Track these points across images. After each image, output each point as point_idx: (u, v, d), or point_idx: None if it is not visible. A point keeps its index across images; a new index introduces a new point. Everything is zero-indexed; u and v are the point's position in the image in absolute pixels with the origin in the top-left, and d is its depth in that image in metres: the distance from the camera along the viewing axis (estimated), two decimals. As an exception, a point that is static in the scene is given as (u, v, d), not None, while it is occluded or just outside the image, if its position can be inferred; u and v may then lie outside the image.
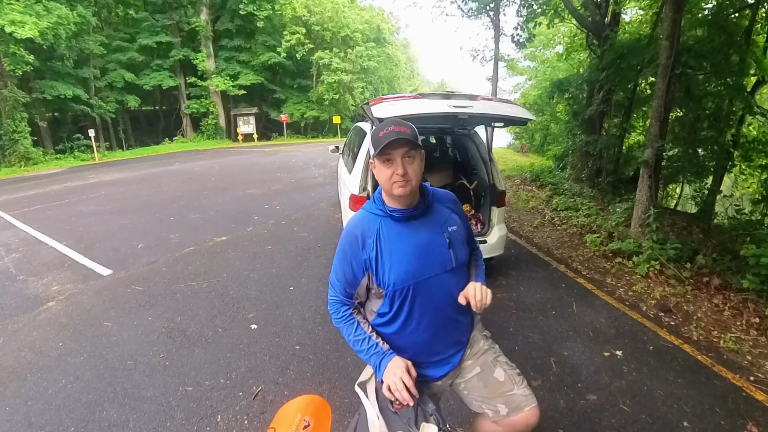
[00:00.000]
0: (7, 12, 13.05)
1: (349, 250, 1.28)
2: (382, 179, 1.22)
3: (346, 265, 1.28)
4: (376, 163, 1.21)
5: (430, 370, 1.37)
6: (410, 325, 1.30)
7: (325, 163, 11.96)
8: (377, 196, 1.31)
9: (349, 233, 1.29)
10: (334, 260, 1.33)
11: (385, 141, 1.15)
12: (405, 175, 1.17)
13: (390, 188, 1.20)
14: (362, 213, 1.32)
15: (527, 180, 9.71)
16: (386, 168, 1.19)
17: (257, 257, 4.63)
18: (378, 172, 1.22)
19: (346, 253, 1.28)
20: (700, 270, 4.15)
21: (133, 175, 11.28)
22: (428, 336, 1.32)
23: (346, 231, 1.31)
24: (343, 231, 1.33)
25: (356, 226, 1.29)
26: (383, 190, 1.26)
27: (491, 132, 3.91)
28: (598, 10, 7.94)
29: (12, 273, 4.40)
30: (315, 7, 23.65)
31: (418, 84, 46.19)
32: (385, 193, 1.27)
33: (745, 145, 6.64)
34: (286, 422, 1.38)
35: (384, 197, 1.29)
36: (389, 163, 1.18)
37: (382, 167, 1.20)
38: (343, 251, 1.30)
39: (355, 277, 1.28)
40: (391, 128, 1.17)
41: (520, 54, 19.07)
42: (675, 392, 2.47)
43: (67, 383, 2.53)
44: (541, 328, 3.20)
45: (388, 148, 1.16)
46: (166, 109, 25.40)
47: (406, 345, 1.32)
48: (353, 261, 1.27)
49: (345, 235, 1.30)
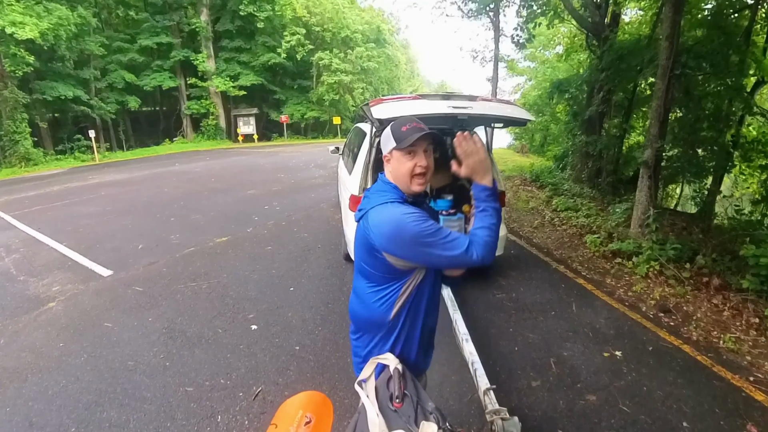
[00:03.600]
0: (7, 13, 13.05)
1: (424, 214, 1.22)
2: (401, 171, 1.24)
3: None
4: (396, 156, 1.24)
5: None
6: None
7: (325, 164, 11.96)
8: (392, 185, 1.27)
9: (412, 208, 1.22)
10: (435, 238, 1.14)
11: (414, 135, 1.19)
12: (427, 168, 1.24)
13: (409, 181, 1.24)
14: (387, 195, 1.26)
15: (527, 180, 9.71)
16: (407, 160, 1.22)
17: (257, 258, 4.63)
18: (398, 164, 1.24)
19: (422, 212, 1.22)
20: (699, 270, 4.15)
21: (134, 176, 11.28)
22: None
23: (410, 211, 1.19)
24: (408, 214, 1.17)
25: (402, 199, 1.26)
26: (400, 182, 1.26)
27: (491, 133, 3.92)
28: (598, 11, 7.95)
29: (12, 274, 4.40)
30: (315, 8, 23.66)
31: (418, 85, 46.17)
32: (400, 186, 1.26)
33: (744, 145, 6.64)
34: (287, 418, 1.38)
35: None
36: (411, 155, 1.22)
37: (402, 159, 1.23)
38: (425, 219, 1.18)
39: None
40: (414, 124, 1.22)
41: (520, 55, 19.07)
42: (674, 392, 2.47)
43: (67, 384, 2.54)
44: (540, 329, 3.20)
45: (417, 141, 1.20)
46: (167, 110, 25.39)
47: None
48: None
49: (412, 212, 1.18)
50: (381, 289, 1.28)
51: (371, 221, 1.22)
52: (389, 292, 1.27)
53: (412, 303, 1.29)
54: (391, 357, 1.32)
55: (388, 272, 1.25)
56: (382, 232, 1.18)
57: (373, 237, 1.21)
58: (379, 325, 1.31)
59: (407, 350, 1.35)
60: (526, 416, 2.25)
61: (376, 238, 1.20)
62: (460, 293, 3.53)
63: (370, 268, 1.28)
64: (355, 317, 1.40)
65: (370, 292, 1.31)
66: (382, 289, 1.28)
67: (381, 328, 1.32)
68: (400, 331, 1.31)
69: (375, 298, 1.29)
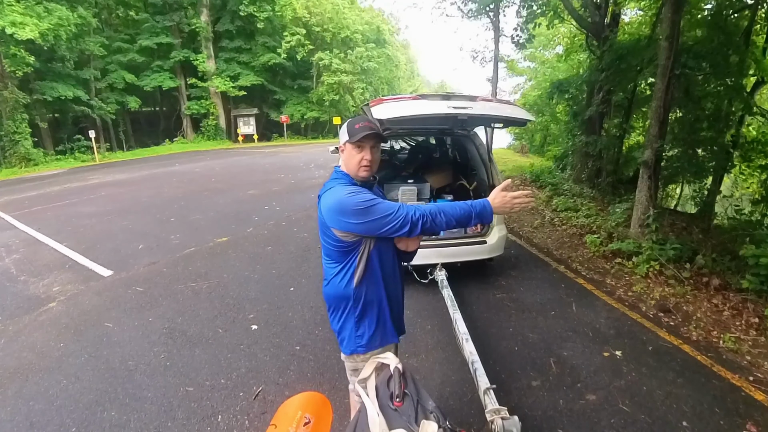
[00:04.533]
0: (7, 13, 13.07)
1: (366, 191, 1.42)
2: (352, 162, 1.45)
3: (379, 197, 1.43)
4: (348, 148, 1.44)
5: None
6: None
7: (326, 164, 11.97)
8: (343, 173, 1.49)
9: (356, 187, 1.43)
10: (368, 204, 1.33)
11: (362, 133, 1.39)
12: (372, 161, 1.44)
13: (357, 170, 1.45)
14: (339, 181, 1.47)
15: (527, 180, 9.71)
16: (357, 153, 1.43)
17: (257, 258, 4.63)
18: (348, 155, 1.45)
19: (369, 192, 1.41)
20: (699, 270, 4.15)
21: (134, 176, 11.29)
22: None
23: (352, 189, 1.39)
24: (348, 191, 1.37)
25: (352, 184, 1.46)
26: (350, 171, 1.47)
27: (491, 133, 3.92)
28: (598, 11, 7.96)
29: (13, 274, 4.41)
30: (315, 8, 23.66)
31: (418, 85, 46.19)
32: (349, 173, 1.48)
33: (744, 145, 6.63)
34: (287, 419, 1.39)
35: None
36: (360, 149, 1.42)
37: (353, 152, 1.44)
38: (364, 193, 1.37)
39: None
40: (366, 123, 1.42)
41: (520, 55, 19.08)
42: (674, 392, 2.48)
43: (68, 384, 2.54)
44: (540, 329, 3.20)
45: (364, 138, 1.40)
46: (167, 110, 25.41)
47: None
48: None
49: (353, 189, 1.39)
50: (339, 264, 1.46)
51: (323, 202, 1.43)
52: (345, 265, 1.45)
53: (369, 272, 1.45)
54: (391, 356, 1.32)
55: (341, 246, 1.42)
56: (329, 208, 1.38)
57: (324, 216, 1.41)
58: (344, 297, 1.48)
59: (381, 318, 1.52)
60: (526, 416, 2.25)
61: (326, 215, 1.39)
62: (460, 293, 3.54)
63: (328, 246, 1.46)
64: (326, 297, 1.56)
65: (332, 269, 1.49)
66: (340, 264, 1.46)
67: (347, 300, 1.48)
68: (365, 302, 1.48)
69: (335, 272, 1.48)
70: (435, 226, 1.36)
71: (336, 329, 1.57)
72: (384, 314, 1.53)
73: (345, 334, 1.53)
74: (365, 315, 1.49)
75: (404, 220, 1.32)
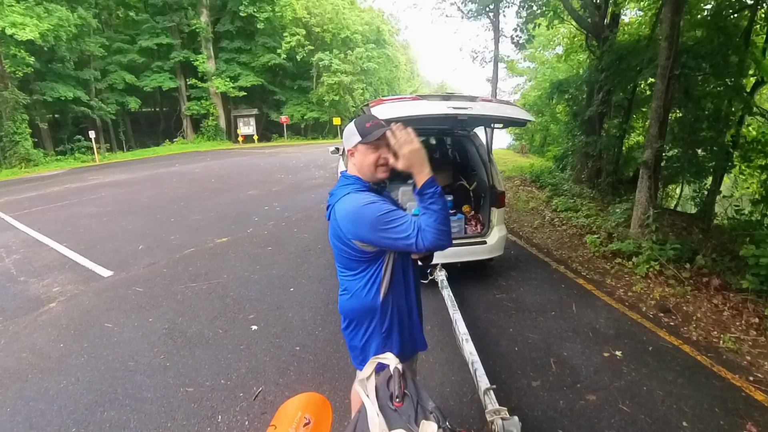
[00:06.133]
0: (7, 14, 13.08)
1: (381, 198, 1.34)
2: (367, 162, 1.34)
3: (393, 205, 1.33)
4: (361, 149, 1.34)
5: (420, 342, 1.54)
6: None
7: (326, 164, 11.97)
8: (354, 177, 1.38)
9: (373, 195, 1.34)
10: (380, 211, 1.24)
11: (379, 130, 1.30)
12: (388, 160, 1.33)
13: (375, 171, 1.35)
14: (352, 187, 1.36)
15: (527, 181, 9.71)
16: (372, 153, 1.33)
17: (257, 258, 4.63)
18: (363, 157, 1.34)
19: (382, 199, 1.33)
20: (699, 270, 4.15)
21: (134, 177, 11.29)
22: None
23: (369, 199, 1.29)
24: (365, 203, 1.28)
25: (366, 189, 1.37)
26: (365, 174, 1.37)
27: (491, 133, 3.93)
28: (598, 12, 7.96)
29: (13, 274, 4.41)
30: (315, 8, 23.68)
31: (418, 85, 46.15)
32: (363, 176, 1.38)
33: (744, 145, 6.64)
34: (286, 419, 1.38)
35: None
36: (376, 149, 1.32)
37: (367, 152, 1.33)
38: (381, 203, 1.28)
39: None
40: (376, 121, 1.34)
41: (520, 55, 19.11)
42: (674, 392, 2.48)
43: (68, 384, 2.54)
44: (540, 329, 3.20)
45: (383, 137, 1.29)
46: (167, 111, 25.41)
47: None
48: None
49: (371, 198, 1.29)
50: (363, 275, 1.35)
51: (338, 213, 1.32)
52: (371, 277, 1.35)
53: (396, 283, 1.36)
54: (391, 356, 1.32)
55: (364, 258, 1.33)
56: (348, 219, 1.28)
57: (341, 226, 1.30)
58: (370, 311, 1.37)
59: (410, 331, 1.42)
60: (527, 416, 2.25)
61: (344, 227, 1.29)
62: (460, 293, 3.53)
63: (348, 258, 1.35)
64: (345, 311, 1.43)
65: (354, 282, 1.37)
66: (364, 275, 1.35)
67: (374, 314, 1.36)
68: (392, 313, 1.37)
69: (359, 285, 1.36)
70: (442, 238, 1.25)
71: (358, 345, 1.43)
72: (414, 324, 1.45)
73: (370, 351, 1.40)
74: (392, 328, 1.39)
75: (415, 247, 1.22)
